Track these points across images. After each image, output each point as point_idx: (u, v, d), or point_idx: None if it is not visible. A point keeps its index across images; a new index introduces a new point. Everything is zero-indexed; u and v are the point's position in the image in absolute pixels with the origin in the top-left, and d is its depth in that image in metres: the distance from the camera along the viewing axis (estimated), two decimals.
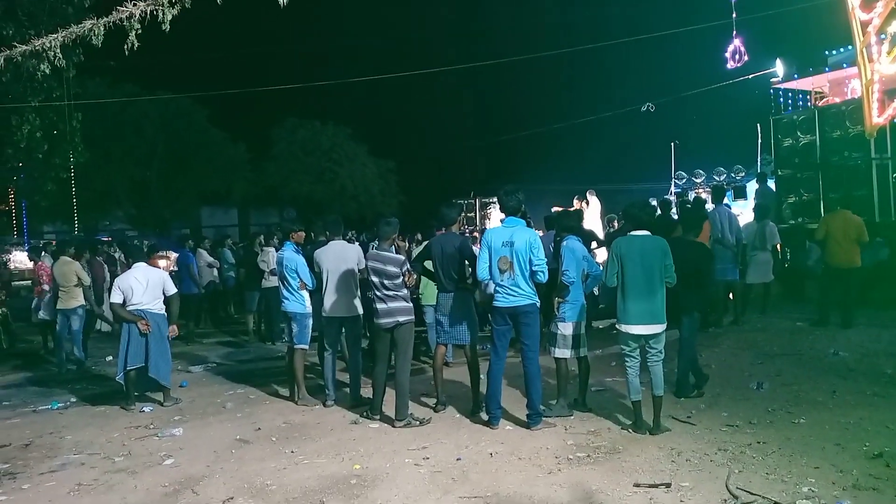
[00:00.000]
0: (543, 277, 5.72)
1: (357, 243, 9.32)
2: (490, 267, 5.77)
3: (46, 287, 10.05)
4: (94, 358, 9.85)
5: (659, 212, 11.22)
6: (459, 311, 6.27)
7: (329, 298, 6.83)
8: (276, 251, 8.64)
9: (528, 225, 6.21)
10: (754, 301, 10.13)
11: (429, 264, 6.57)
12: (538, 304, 5.83)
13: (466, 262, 6.31)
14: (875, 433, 5.19)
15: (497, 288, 5.78)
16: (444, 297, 6.40)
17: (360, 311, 7.07)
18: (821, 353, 7.69)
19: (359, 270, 6.83)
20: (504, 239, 5.75)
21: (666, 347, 5.68)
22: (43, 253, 11.36)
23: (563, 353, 6.09)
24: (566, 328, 6.07)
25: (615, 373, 7.11)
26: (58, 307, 9.26)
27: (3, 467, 5.51)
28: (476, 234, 13.31)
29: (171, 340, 7.40)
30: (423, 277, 7.56)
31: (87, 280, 9.25)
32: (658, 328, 5.52)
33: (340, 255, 6.86)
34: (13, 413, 7.35)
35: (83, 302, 9.24)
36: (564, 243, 6.12)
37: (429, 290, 7.73)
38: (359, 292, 6.99)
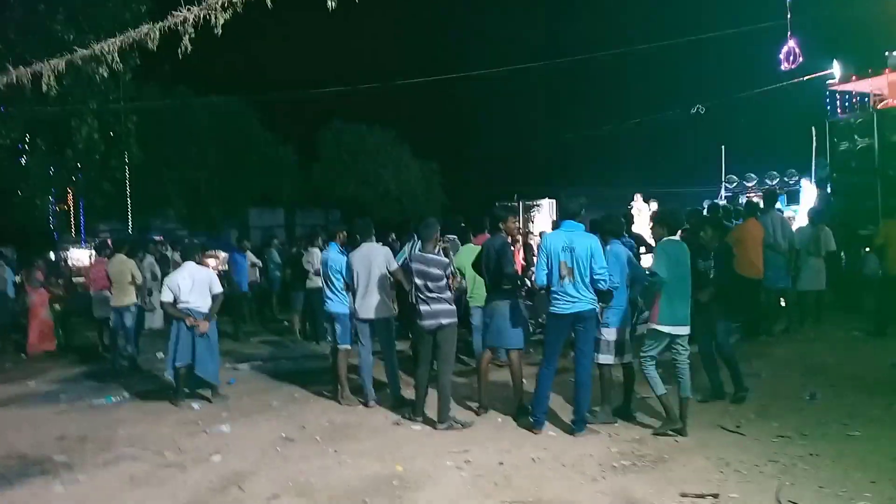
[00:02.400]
0: (605, 285, 5.65)
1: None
2: (549, 273, 5.72)
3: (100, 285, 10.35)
4: (146, 354, 10.14)
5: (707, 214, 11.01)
6: (508, 314, 6.21)
7: (361, 301, 6.86)
8: (321, 252, 8.74)
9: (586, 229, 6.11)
10: (808, 309, 9.84)
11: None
12: (597, 310, 5.77)
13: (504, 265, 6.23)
14: None
15: (555, 294, 5.70)
16: (492, 300, 6.37)
17: (393, 312, 7.06)
18: (878, 365, 7.42)
19: (389, 272, 6.83)
20: (564, 243, 5.68)
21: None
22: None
23: (606, 358, 6.01)
24: (610, 334, 5.99)
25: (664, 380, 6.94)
26: (112, 304, 9.55)
27: (61, 459, 5.71)
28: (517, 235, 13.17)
29: (216, 337, 7.53)
30: (470, 279, 7.57)
31: (139, 278, 9.51)
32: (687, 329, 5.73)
33: (368, 257, 6.88)
34: (70, 406, 7.61)
35: (136, 300, 9.49)
36: (608, 248, 6.03)
37: (478, 292, 7.67)
38: (392, 293, 6.99)
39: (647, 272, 6.13)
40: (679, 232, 6.02)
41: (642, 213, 13.60)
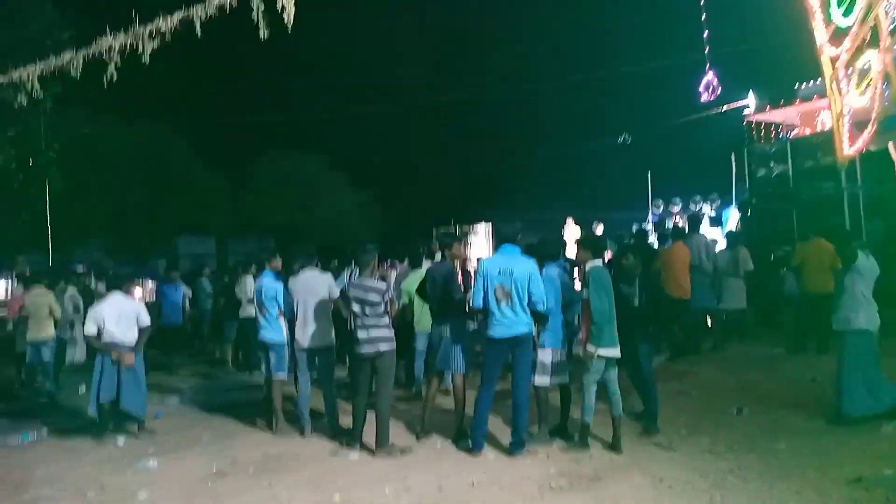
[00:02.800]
0: (543, 307, 5.73)
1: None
2: (485, 296, 5.75)
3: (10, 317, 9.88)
4: (67, 390, 9.63)
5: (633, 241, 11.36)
6: (452, 339, 6.22)
7: (302, 329, 6.75)
8: (254, 279, 8.56)
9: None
10: (731, 328, 10.22)
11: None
12: (533, 333, 5.81)
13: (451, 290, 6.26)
14: (854, 458, 5.21)
15: (493, 318, 5.72)
16: (438, 325, 6.36)
17: (333, 341, 6.96)
18: (799, 380, 7.75)
19: (332, 300, 6.75)
20: (501, 267, 5.73)
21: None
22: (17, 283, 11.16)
23: (542, 380, 6.06)
24: (546, 355, 6.06)
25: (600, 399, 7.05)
26: (28, 339, 9.07)
27: None
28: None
29: (143, 370, 7.25)
30: (417, 305, 7.57)
31: (58, 312, 9.08)
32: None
33: (311, 285, 6.79)
34: None
35: (53, 334, 9.05)
36: (544, 271, 6.13)
37: (424, 318, 7.64)
38: (332, 322, 6.90)
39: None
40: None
41: (572, 236, 13.93)
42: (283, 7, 5.32)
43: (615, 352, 5.77)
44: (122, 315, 7.08)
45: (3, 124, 14.66)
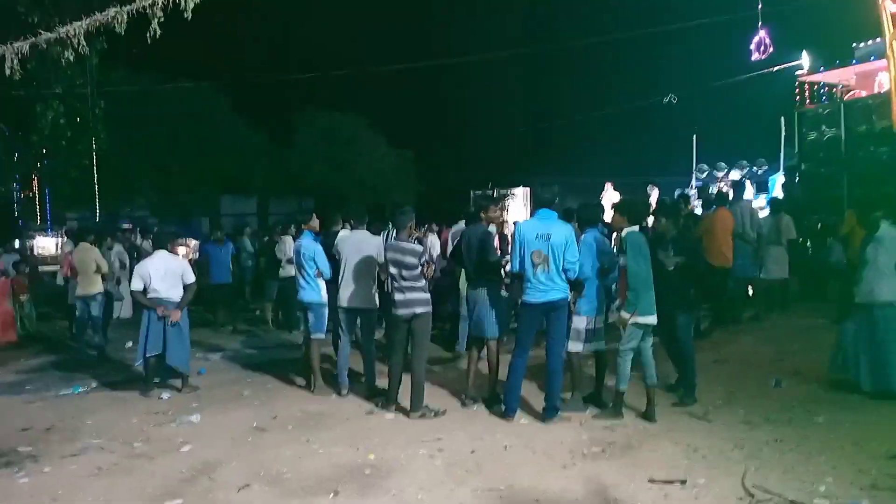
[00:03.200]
0: (573, 276, 5.70)
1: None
2: (522, 260, 5.73)
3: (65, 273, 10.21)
4: (115, 344, 9.99)
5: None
6: (488, 303, 6.21)
7: (346, 289, 6.83)
8: (294, 240, 8.67)
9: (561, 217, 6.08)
10: (774, 297, 10.02)
11: None
12: (569, 299, 5.78)
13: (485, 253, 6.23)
14: (893, 433, 5.11)
15: (528, 283, 5.70)
16: (473, 289, 6.36)
17: (377, 303, 7.05)
18: None
19: (379, 263, 6.80)
20: (539, 231, 5.68)
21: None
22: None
23: (576, 346, 6.04)
24: (580, 322, 6.03)
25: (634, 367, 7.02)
26: (77, 293, 9.38)
27: (26, 450, 5.61)
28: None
29: (188, 327, 7.45)
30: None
31: (105, 267, 9.34)
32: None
33: (361, 246, 6.84)
34: (36, 397, 7.47)
35: (101, 289, 9.33)
36: (583, 237, 6.07)
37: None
38: (376, 284, 6.97)
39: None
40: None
41: (612, 202, 13.73)
42: None
43: (651, 319, 5.69)
44: (167, 272, 7.25)
45: (50, 81, 14.95)
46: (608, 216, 7.03)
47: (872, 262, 5.97)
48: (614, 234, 8.65)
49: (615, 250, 6.07)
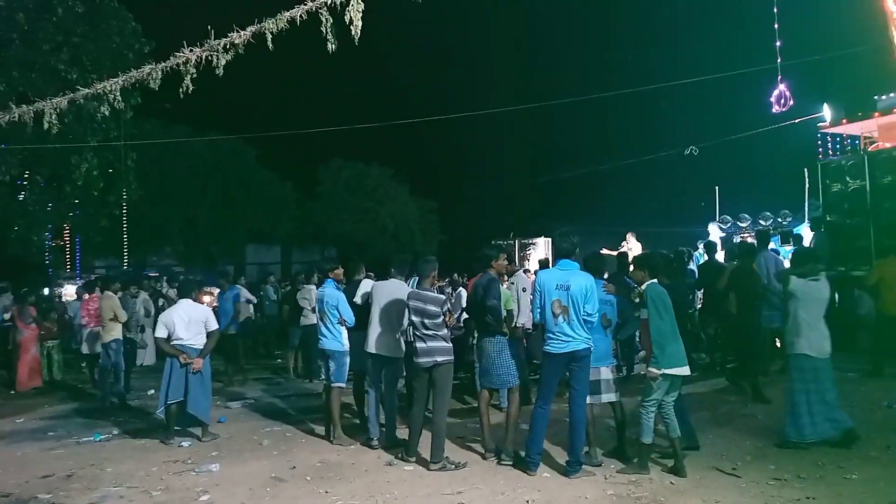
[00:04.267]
0: (592, 326, 5.68)
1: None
2: (542, 310, 5.71)
3: (86, 321, 10.37)
4: (137, 391, 10.04)
5: (706, 256, 11.10)
6: (494, 353, 6.18)
7: (374, 334, 6.81)
8: (317, 288, 8.72)
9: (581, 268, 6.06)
10: None
11: None
12: (592, 348, 5.73)
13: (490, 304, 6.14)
14: None
15: (550, 333, 5.67)
16: (479, 339, 6.34)
17: (402, 352, 7.03)
18: (874, 406, 7.39)
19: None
20: (559, 282, 5.67)
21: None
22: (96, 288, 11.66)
23: (609, 397, 5.99)
24: (606, 373, 5.96)
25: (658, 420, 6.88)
26: (101, 341, 9.51)
27: (46, 497, 5.61)
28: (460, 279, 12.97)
29: (210, 375, 7.47)
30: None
31: (122, 316, 9.43)
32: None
33: (394, 294, 6.86)
34: (57, 444, 7.50)
35: (118, 336, 9.39)
36: None
37: None
38: (403, 333, 6.96)
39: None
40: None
41: (633, 252, 13.66)
42: (350, 20, 5.43)
43: (680, 370, 5.59)
44: (191, 320, 7.34)
45: (86, 134, 15.44)
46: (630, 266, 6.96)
47: (792, 315, 6.27)
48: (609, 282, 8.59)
49: (636, 303, 5.97)
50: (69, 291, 18.67)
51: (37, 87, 13.23)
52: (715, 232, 15.57)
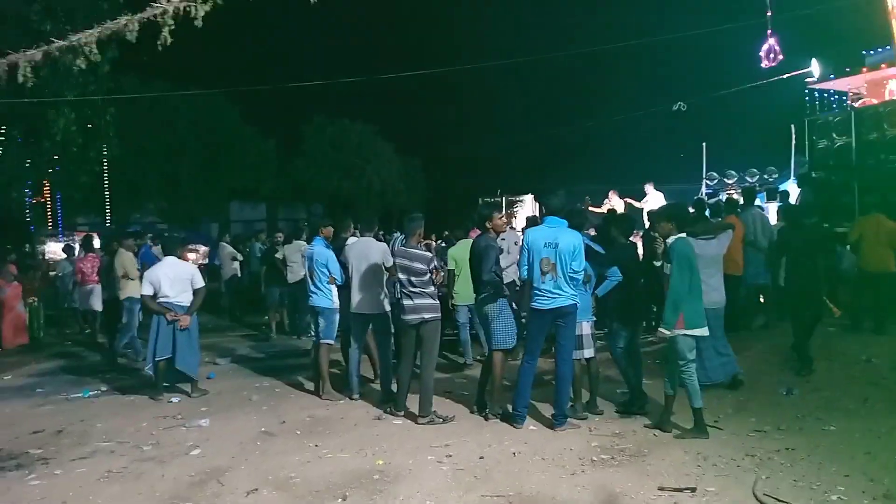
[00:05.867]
0: (579, 283, 5.72)
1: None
2: (531, 268, 5.72)
3: (79, 277, 10.34)
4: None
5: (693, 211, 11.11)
6: (491, 316, 6.15)
7: (356, 295, 6.86)
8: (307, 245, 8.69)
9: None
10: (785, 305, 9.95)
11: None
12: (578, 304, 5.76)
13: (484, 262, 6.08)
14: None
15: (537, 290, 5.69)
16: (478, 300, 6.32)
17: (388, 308, 7.06)
18: (853, 360, 7.53)
19: (386, 268, 6.83)
20: (547, 240, 5.68)
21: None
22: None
23: (589, 352, 6.07)
24: (586, 328, 6.03)
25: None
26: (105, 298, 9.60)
27: (37, 453, 5.64)
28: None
29: (197, 332, 7.47)
30: (457, 277, 7.57)
31: (133, 274, 9.28)
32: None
33: (367, 253, 6.88)
34: (46, 400, 7.52)
35: (132, 294, 9.22)
36: None
37: (464, 291, 7.64)
38: (384, 290, 6.98)
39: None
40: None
41: (651, 205, 13.69)
42: None
43: (699, 331, 5.45)
44: (176, 278, 7.31)
45: (63, 88, 15.06)
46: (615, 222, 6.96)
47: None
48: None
49: (661, 258, 5.93)
50: (52, 249, 18.48)
51: (10, 39, 12.83)
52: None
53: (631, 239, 6.71)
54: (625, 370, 6.27)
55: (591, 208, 14.21)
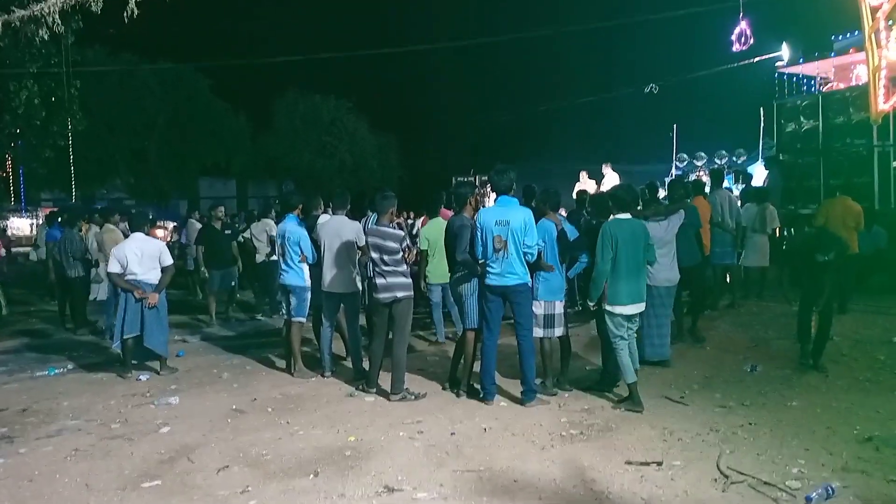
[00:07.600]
0: (532, 258, 5.75)
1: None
2: (484, 247, 5.76)
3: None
4: (92, 326, 9.87)
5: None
6: (464, 295, 6.15)
7: (328, 273, 6.82)
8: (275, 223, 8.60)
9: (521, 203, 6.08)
10: (751, 285, 10.17)
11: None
12: (529, 284, 5.82)
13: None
14: (865, 418, 5.24)
15: (489, 267, 5.74)
16: (453, 279, 6.33)
17: (359, 287, 7.04)
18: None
19: (358, 247, 6.79)
20: (498, 218, 5.72)
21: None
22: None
23: (535, 332, 6.07)
24: (537, 307, 6.06)
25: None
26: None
27: (1, 431, 5.55)
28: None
29: (166, 310, 7.38)
30: (431, 258, 7.57)
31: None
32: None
33: (339, 231, 6.83)
34: (10, 378, 7.38)
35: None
36: (539, 222, 6.06)
37: (438, 270, 7.65)
38: (357, 268, 6.95)
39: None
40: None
41: (610, 183, 13.79)
42: None
43: (622, 309, 5.65)
44: (144, 255, 7.18)
45: (25, 59, 14.63)
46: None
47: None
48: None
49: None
50: (16, 224, 18.06)
51: None
52: (761, 173, 14.86)
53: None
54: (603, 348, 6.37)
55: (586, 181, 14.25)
